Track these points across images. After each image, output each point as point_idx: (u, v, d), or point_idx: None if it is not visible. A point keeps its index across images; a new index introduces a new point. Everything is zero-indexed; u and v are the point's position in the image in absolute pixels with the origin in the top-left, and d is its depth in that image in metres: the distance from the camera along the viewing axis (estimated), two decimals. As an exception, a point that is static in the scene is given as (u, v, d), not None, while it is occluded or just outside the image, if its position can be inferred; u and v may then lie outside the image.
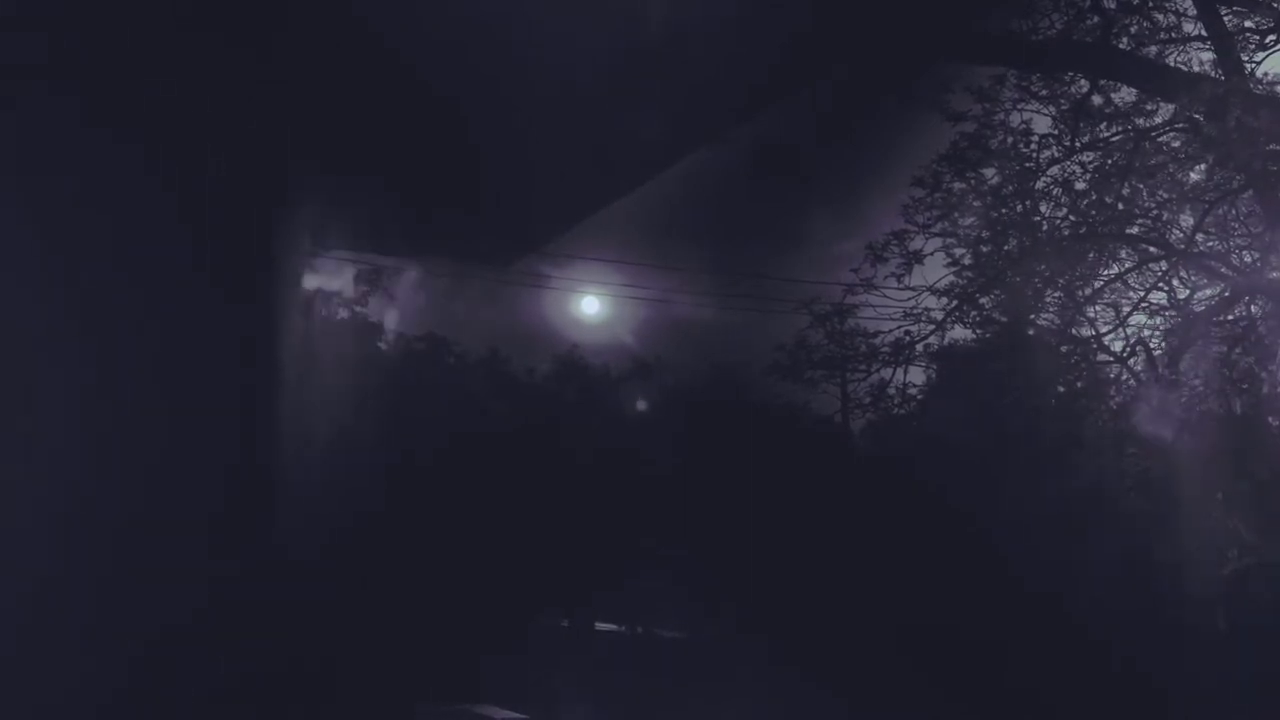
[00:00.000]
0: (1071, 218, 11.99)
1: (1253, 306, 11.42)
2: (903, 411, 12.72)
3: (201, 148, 4.55)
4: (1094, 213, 11.86)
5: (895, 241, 12.08)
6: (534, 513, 13.06)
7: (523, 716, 10.87)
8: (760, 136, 12.13)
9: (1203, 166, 11.41)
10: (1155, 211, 11.79)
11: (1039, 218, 12.09)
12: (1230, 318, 11.51)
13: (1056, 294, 12.09)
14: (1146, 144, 11.58)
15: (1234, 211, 11.54)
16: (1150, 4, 11.55)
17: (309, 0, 5.34)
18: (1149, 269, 11.92)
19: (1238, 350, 11.24)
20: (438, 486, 12.78)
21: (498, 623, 13.03)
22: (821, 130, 12.01)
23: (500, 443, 13.95)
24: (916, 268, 12.03)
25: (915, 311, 12.08)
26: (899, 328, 12.23)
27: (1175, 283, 11.84)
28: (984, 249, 12.14)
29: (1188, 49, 11.56)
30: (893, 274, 12.06)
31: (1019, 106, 11.98)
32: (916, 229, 12.07)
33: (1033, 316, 12.13)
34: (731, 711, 10.95)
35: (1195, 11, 11.36)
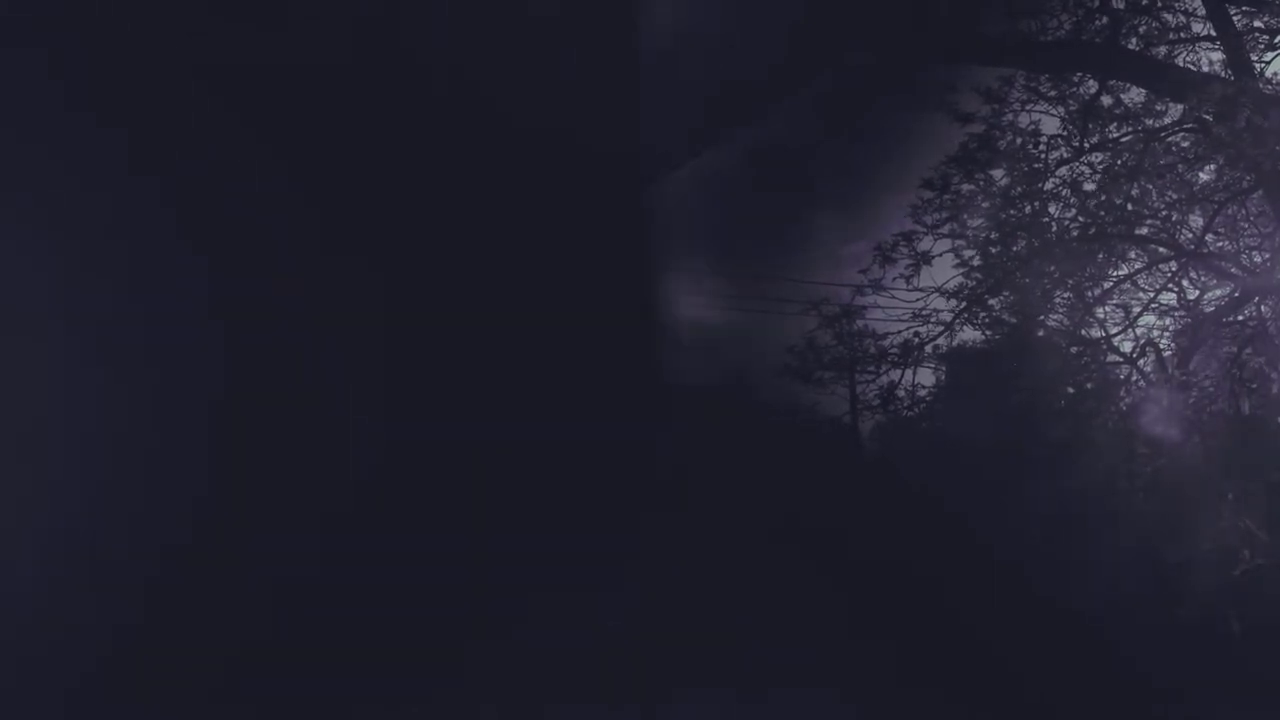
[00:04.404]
0: (1080, 219, 11.98)
1: (1263, 307, 11.41)
2: (912, 413, 12.71)
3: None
4: (1103, 213, 11.85)
5: (904, 243, 12.09)
6: (540, 513, 13.03)
7: (531, 719, 10.86)
8: (767, 138, 12.16)
9: (1212, 167, 11.41)
10: (1165, 212, 11.78)
11: (1048, 219, 12.08)
12: (1240, 318, 11.50)
13: (1066, 295, 12.07)
14: (1156, 144, 11.58)
15: (1244, 212, 11.54)
16: (1159, 4, 11.57)
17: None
18: (1158, 270, 11.90)
19: (1248, 350, 11.23)
20: (444, 485, 12.77)
21: (503, 622, 13.00)
22: (828, 127, 12.04)
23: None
24: (925, 269, 12.04)
25: (924, 313, 12.10)
26: (908, 329, 12.25)
27: (1185, 283, 11.83)
28: (993, 250, 12.13)
29: (1197, 49, 11.59)
30: (901, 275, 12.07)
31: (1027, 107, 11.99)
32: (925, 230, 12.07)
33: (1042, 317, 12.11)
34: (739, 713, 10.93)
35: (1204, 11, 11.37)
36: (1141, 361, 11.62)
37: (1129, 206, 11.78)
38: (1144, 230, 11.88)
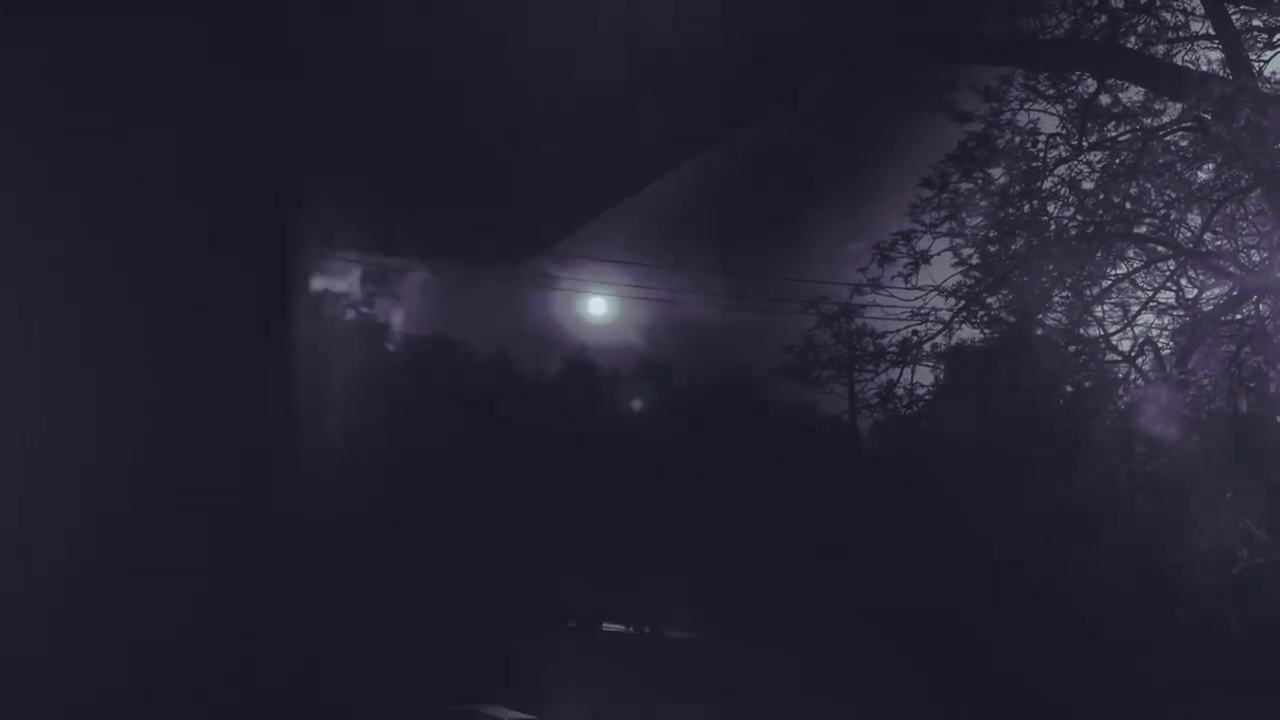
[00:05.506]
0: (1079, 217, 11.98)
1: (1261, 305, 11.40)
2: (910, 411, 12.71)
3: (214, 149, 4.57)
4: (1101, 212, 11.85)
5: (902, 241, 12.09)
6: (541, 513, 13.07)
7: (529, 717, 10.89)
8: (767, 136, 12.15)
9: (1211, 166, 11.40)
10: (1163, 211, 11.77)
11: (1046, 217, 12.07)
12: (1238, 317, 11.49)
13: (1064, 294, 12.07)
14: (1154, 143, 11.57)
15: (1242, 211, 11.52)
16: (1158, 3, 11.55)
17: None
18: (1157, 268, 11.89)
19: (1246, 349, 11.22)
20: (446, 486, 12.80)
21: (505, 623, 13.04)
22: (827, 127, 12.03)
23: (507, 443, 13.96)
24: (924, 268, 12.04)
25: (922, 311, 12.11)
26: (906, 328, 12.26)
27: (1183, 282, 11.83)
28: (991, 249, 12.13)
29: (1195, 48, 11.58)
30: (900, 274, 12.07)
31: (1026, 106, 11.98)
32: (923, 229, 12.07)
33: (1040, 316, 12.11)
34: (739, 713, 10.95)
35: (1203, 10, 11.36)
36: (1140, 360, 11.63)
37: (1127, 205, 11.78)
38: (1142, 229, 11.87)
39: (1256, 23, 11.22)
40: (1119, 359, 11.77)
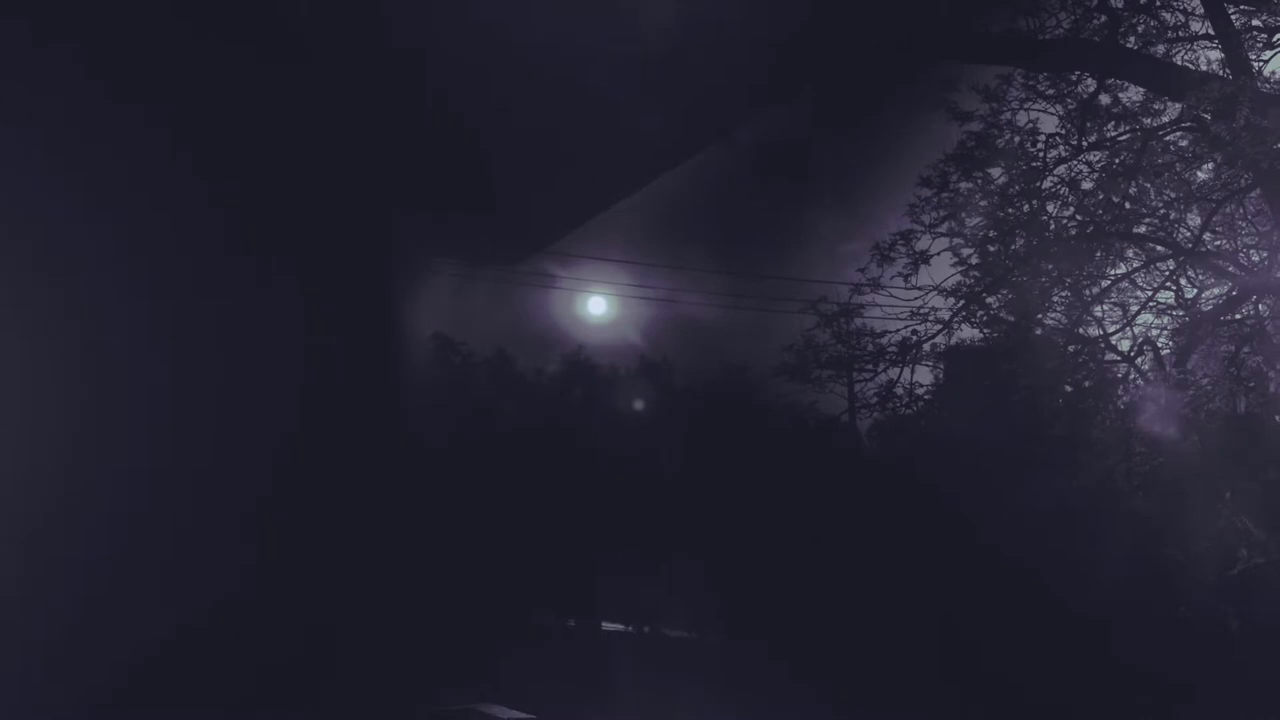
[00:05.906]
0: (1078, 217, 11.99)
1: (1260, 305, 11.40)
2: (910, 411, 12.71)
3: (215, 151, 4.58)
4: (1101, 212, 11.85)
5: (902, 241, 12.11)
6: (541, 513, 13.07)
7: (529, 716, 10.90)
8: (766, 136, 12.16)
9: (1210, 165, 11.40)
10: (1162, 211, 11.77)
11: (1046, 217, 12.08)
12: (1238, 317, 11.49)
13: (1064, 293, 12.07)
14: (1154, 143, 11.58)
15: (1241, 210, 11.53)
16: (1158, 3, 11.57)
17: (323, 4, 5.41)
18: (1156, 268, 11.89)
19: (1246, 349, 11.22)
20: (446, 485, 12.79)
21: (504, 622, 13.05)
22: (828, 126, 12.05)
23: (507, 442, 13.97)
24: (923, 268, 12.05)
25: (922, 311, 12.11)
26: (906, 328, 12.26)
27: (1183, 282, 11.83)
28: (991, 249, 12.13)
29: (1195, 48, 11.59)
30: (899, 274, 12.08)
31: (1026, 106, 12.00)
32: (923, 229, 12.09)
33: (1040, 316, 12.11)
34: (738, 713, 10.96)
35: (1203, 10, 11.37)
36: (1139, 360, 11.62)
37: (1127, 205, 11.78)
38: (1142, 229, 11.88)
39: (1256, 23, 11.24)
40: (1119, 359, 11.76)
